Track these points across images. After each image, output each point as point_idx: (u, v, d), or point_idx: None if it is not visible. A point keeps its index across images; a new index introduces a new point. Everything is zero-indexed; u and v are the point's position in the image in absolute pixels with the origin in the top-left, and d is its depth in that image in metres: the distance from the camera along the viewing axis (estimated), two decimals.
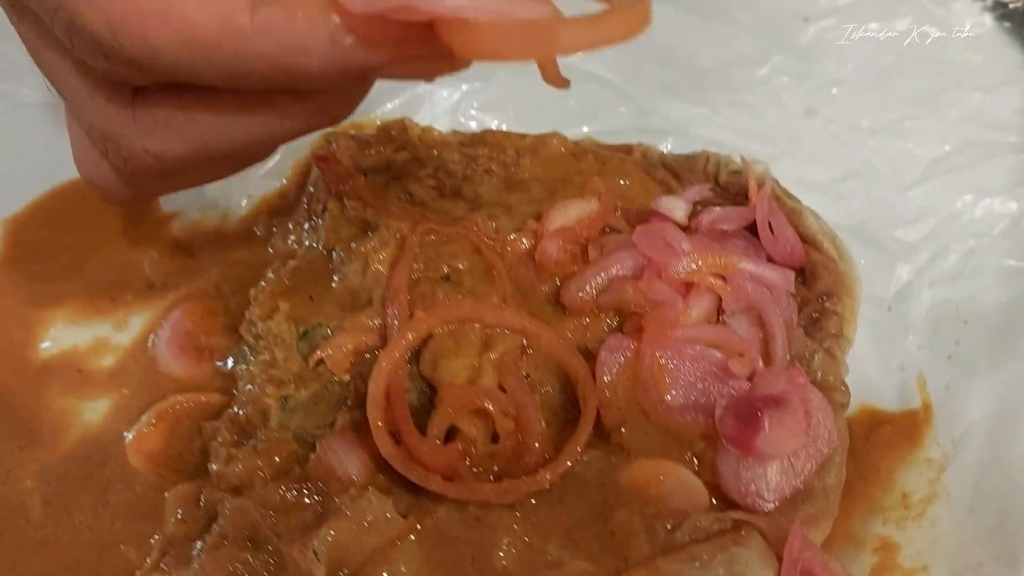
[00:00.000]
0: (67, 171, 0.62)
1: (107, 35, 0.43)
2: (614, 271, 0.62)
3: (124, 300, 0.70)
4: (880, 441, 0.63)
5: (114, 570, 0.58)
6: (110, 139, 0.49)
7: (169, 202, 0.76)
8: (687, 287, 0.61)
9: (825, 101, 0.83)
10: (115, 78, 0.47)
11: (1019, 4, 0.85)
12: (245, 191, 0.76)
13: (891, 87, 0.83)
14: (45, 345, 0.68)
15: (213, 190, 0.76)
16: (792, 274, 0.63)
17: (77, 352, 0.67)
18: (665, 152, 0.78)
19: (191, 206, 0.75)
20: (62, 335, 0.68)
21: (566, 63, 0.83)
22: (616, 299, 0.60)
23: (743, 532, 0.53)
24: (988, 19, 0.86)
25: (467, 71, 0.81)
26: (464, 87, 0.83)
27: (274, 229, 0.73)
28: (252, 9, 0.43)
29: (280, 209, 0.75)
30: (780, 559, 0.53)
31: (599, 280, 0.61)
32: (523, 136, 0.76)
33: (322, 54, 0.43)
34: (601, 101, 0.84)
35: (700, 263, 0.61)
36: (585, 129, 0.82)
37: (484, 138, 0.76)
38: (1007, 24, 0.85)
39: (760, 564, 0.52)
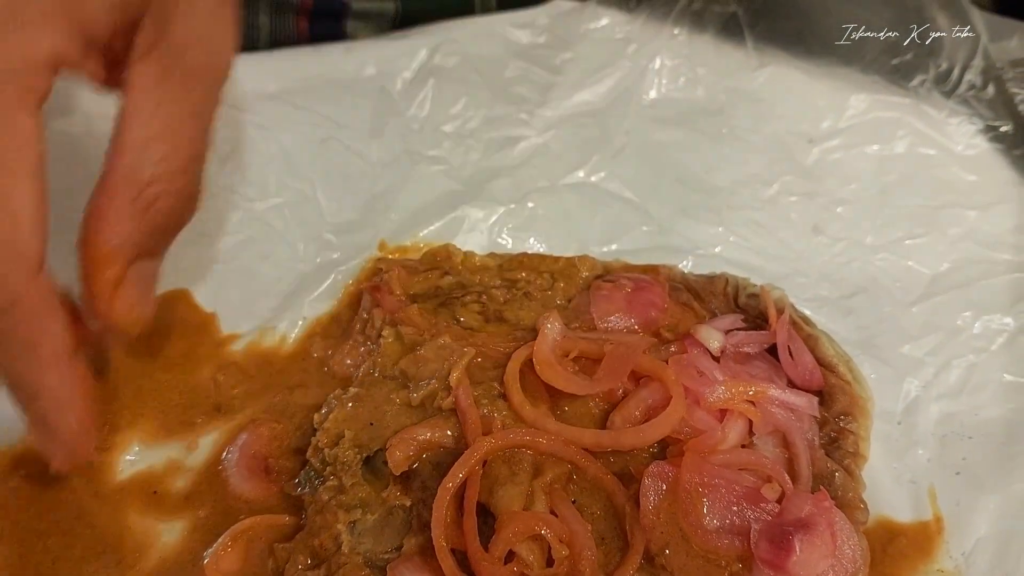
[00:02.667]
0: None
1: None
2: (650, 402, 0.68)
3: (194, 422, 0.75)
4: (896, 552, 0.68)
5: None
6: None
7: (228, 324, 0.81)
8: (721, 413, 0.67)
9: (831, 219, 0.90)
10: None
11: (1008, 128, 0.92)
12: (300, 314, 0.82)
13: (892, 206, 0.90)
14: (122, 468, 0.73)
15: (269, 312, 0.82)
16: (816, 399, 0.70)
17: (152, 474, 0.72)
18: (686, 272, 0.84)
19: (250, 329, 0.81)
20: (137, 457, 0.73)
21: (593, 185, 0.91)
22: None
23: None
24: (980, 140, 0.93)
25: (501, 195, 0.89)
26: (500, 210, 0.89)
27: (329, 352, 0.79)
28: None
29: (332, 332, 0.81)
30: None
31: (640, 411, 0.67)
32: (556, 259, 0.83)
33: None
34: (624, 220, 0.90)
35: (733, 391, 0.67)
36: (613, 247, 0.88)
37: (521, 261, 0.82)
38: (998, 145, 0.92)
39: None
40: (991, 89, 0.94)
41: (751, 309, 0.78)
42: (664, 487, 0.64)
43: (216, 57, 0.62)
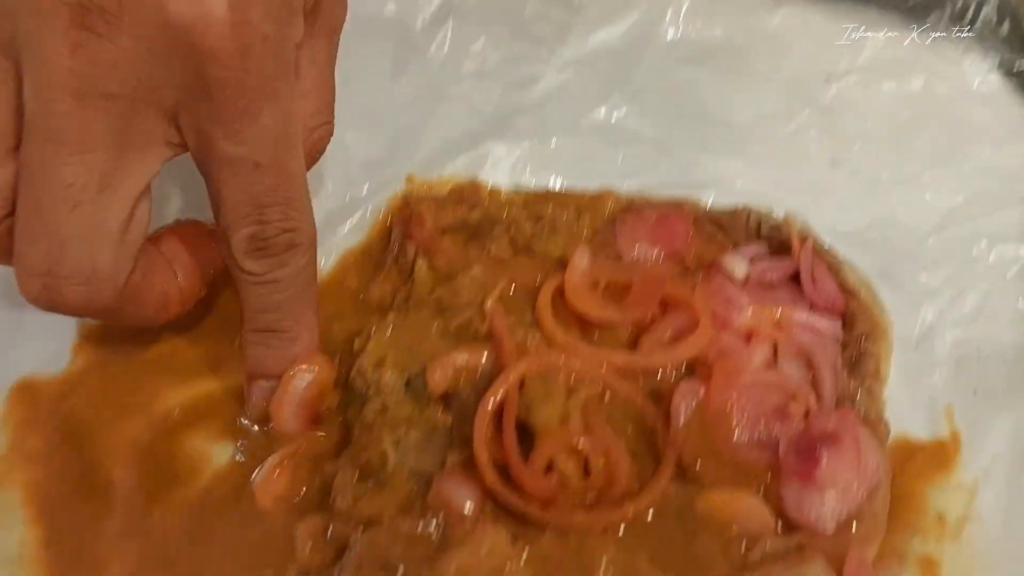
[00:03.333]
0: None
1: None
2: (678, 327, 0.70)
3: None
4: (915, 468, 0.71)
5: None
6: None
7: None
8: (748, 336, 0.70)
9: (849, 155, 0.91)
10: None
11: (1023, 65, 0.93)
12: (331, 248, 0.84)
13: (908, 141, 0.92)
14: (173, 395, 0.75)
15: None
16: (839, 322, 0.72)
17: (205, 400, 0.75)
18: (709, 206, 0.86)
19: None
20: (187, 388, 0.76)
21: (614, 123, 0.92)
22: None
23: (807, 553, 0.62)
24: (995, 77, 0.94)
25: (525, 132, 0.90)
26: (523, 146, 0.91)
27: (364, 284, 0.81)
28: None
29: (364, 264, 0.83)
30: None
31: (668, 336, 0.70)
32: (581, 194, 0.84)
33: None
34: (646, 157, 0.92)
35: (758, 315, 0.69)
36: (634, 183, 0.89)
37: (546, 196, 0.84)
38: (1013, 82, 0.94)
39: None
40: (1007, 26, 0.95)
41: (773, 240, 0.80)
42: (694, 404, 0.67)
43: (344, 8, 0.68)
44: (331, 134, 0.71)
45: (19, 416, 0.74)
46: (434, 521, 0.62)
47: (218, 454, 0.72)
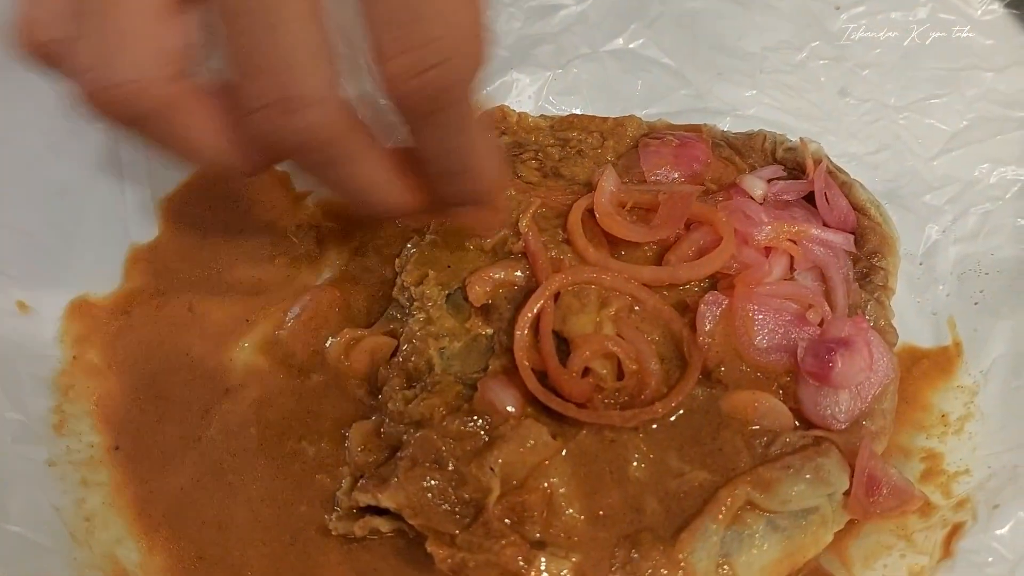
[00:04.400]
0: None
1: None
2: (702, 243, 0.75)
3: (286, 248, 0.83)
4: (920, 372, 0.77)
5: (307, 461, 0.73)
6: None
7: (299, 182, 0.87)
8: (766, 251, 0.74)
9: (857, 82, 0.95)
10: None
11: None
12: None
13: (914, 69, 0.95)
14: (222, 310, 0.80)
15: None
16: (851, 237, 0.77)
17: (251, 313, 0.80)
18: (726, 131, 0.90)
19: (320, 185, 0.86)
20: (234, 304, 0.80)
21: (632, 52, 0.95)
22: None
23: (823, 446, 0.67)
24: (997, 6, 0.97)
25: (546, 61, 0.93)
26: (545, 75, 0.94)
27: None
28: None
29: None
30: (852, 467, 0.67)
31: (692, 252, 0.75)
32: (605, 119, 0.88)
33: None
34: (664, 85, 0.95)
35: (777, 231, 0.74)
36: (653, 110, 0.93)
37: (572, 122, 0.88)
38: (1014, 11, 0.97)
39: (838, 470, 0.67)
40: None
41: (788, 162, 0.84)
42: (718, 313, 0.71)
43: None
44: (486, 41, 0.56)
45: (77, 332, 0.78)
46: (480, 420, 0.67)
47: (263, 363, 0.77)
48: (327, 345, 0.76)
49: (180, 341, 0.78)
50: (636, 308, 0.73)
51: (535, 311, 0.70)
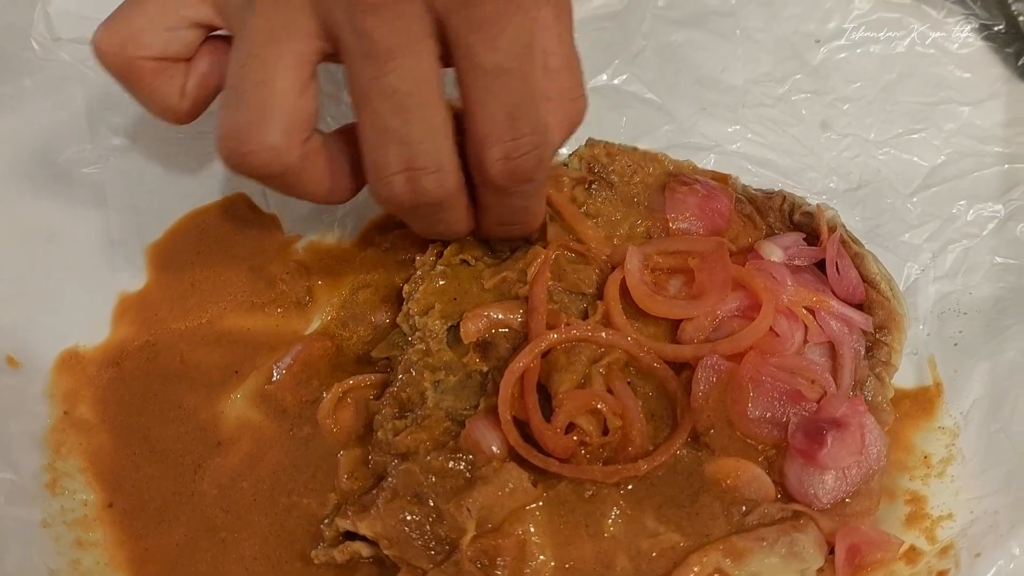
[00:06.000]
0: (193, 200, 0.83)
1: None
2: (720, 313, 0.75)
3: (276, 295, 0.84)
4: (902, 413, 0.78)
5: (300, 515, 0.74)
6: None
7: (289, 226, 0.87)
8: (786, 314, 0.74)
9: (838, 116, 0.96)
10: None
11: (1001, 27, 0.98)
12: (356, 214, 0.88)
13: (893, 103, 0.97)
14: (213, 359, 0.80)
15: (327, 212, 0.88)
16: (871, 318, 0.76)
17: (243, 364, 0.80)
18: (747, 185, 0.88)
19: (309, 229, 0.87)
20: (224, 352, 0.81)
21: (616, 88, 0.96)
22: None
23: (802, 521, 0.67)
24: (975, 39, 0.99)
25: None
26: None
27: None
28: None
29: (388, 226, 0.86)
30: (830, 545, 0.68)
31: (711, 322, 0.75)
32: (634, 149, 0.87)
33: None
34: (648, 120, 0.96)
35: (798, 298, 0.74)
36: (640, 147, 0.93)
37: (594, 153, 0.86)
38: (991, 44, 0.99)
39: (814, 547, 0.67)
40: None
41: (804, 226, 0.83)
42: (715, 377, 0.71)
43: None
44: (586, 107, 0.74)
45: (67, 386, 0.78)
46: (464, 459, 0.68)
47: (255, 416, 0.78)
48: (319, 409, 0.77)
49: (172, 393, 0.78)
50: (629, 364, 0.74)
51: (521, 367, 0.71)
